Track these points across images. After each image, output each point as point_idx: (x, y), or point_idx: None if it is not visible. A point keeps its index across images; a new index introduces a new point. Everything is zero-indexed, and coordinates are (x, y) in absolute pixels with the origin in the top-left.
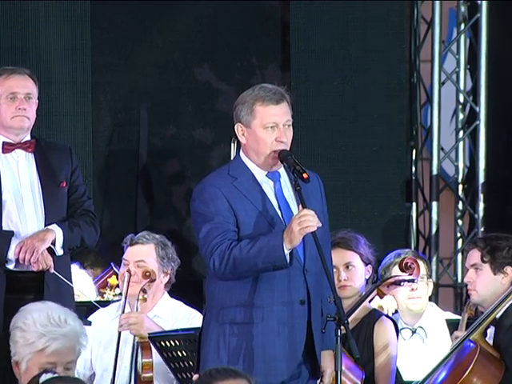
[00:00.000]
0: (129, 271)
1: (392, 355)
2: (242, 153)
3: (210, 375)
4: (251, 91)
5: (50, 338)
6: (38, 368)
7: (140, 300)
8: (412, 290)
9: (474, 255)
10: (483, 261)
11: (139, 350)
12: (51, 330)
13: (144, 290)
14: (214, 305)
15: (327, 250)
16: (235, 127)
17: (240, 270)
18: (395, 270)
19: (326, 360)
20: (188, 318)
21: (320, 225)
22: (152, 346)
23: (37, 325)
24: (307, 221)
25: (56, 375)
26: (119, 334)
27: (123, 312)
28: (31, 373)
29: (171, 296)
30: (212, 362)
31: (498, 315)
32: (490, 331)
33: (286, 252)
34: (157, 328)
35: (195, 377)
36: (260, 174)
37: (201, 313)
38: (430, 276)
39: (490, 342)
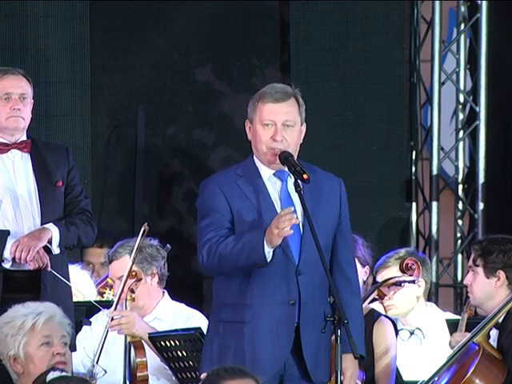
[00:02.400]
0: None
1: (392, 356)
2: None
3: (218, 374)
4: (261, 89)
5: (35, 314)
6: (38, 347)
7: (128, 300)
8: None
9: (471, 258)
10: (476, 264)
11: (132, 350)
12: (32, 308)
13: (132, 290)
14: (214, 303)
15: (345, 252)
16: (245, 123)
17: (225, 267)
18: (393, 271)
19: (346, 363)
20: (187, 317)
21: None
22: (145, 345)
23: (18, 312)
24: (283, 222)
25: (63, 374)
26: (106, 331)
27: (112, 319)
28: (33, 358)
29: (172, 297)
30: (206, 360)
31: (501, 319)
32: (494, 334)
33: (267, 251)
34: (147, 327)
35: (203, 375)
36: (267, 173)
37: (201, 312)
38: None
39: (494, 344)
